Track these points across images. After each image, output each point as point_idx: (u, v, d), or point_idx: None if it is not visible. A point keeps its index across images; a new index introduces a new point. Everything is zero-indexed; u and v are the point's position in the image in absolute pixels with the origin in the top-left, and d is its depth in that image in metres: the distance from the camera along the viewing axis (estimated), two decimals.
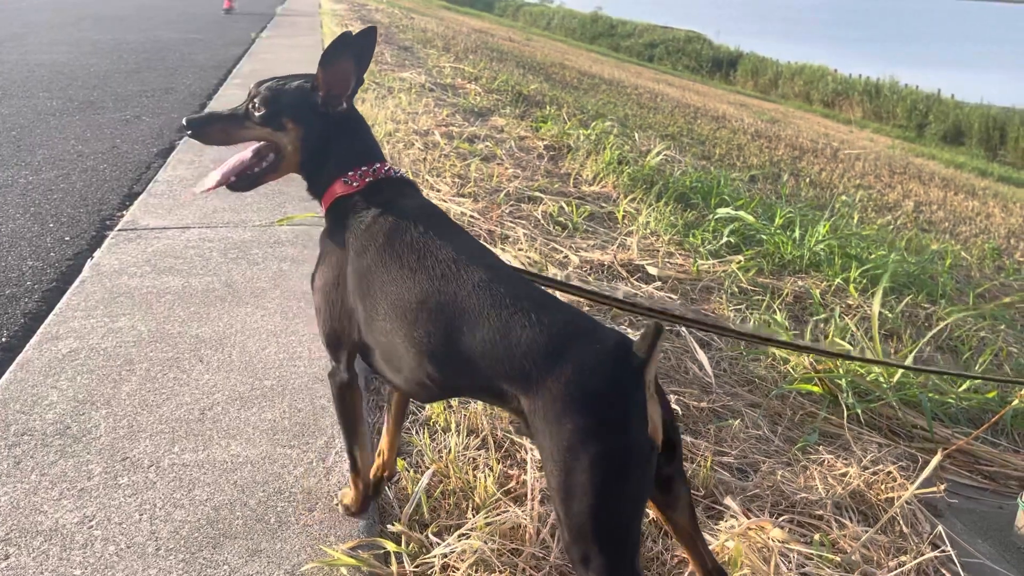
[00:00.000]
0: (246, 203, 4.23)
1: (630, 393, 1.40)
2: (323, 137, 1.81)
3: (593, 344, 1.45)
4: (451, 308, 1.58)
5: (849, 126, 23.43)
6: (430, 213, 1.77)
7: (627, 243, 4.30)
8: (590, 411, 1.40)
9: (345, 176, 1.81)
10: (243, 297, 3.14)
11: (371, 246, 1.72)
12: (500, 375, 1.51)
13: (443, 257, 1.64)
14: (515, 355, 1.48)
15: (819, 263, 4.76)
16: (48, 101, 6.66)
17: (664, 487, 1.58)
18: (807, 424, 2.98)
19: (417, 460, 2.31)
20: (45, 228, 3.96)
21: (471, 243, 1.72)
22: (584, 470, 1.38)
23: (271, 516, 2.00)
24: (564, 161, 6.07)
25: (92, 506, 2.00)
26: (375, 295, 1.69)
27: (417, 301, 1.61)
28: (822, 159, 13.38)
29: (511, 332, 1.50)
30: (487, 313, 1.54)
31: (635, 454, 1.40)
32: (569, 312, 1.54)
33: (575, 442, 1.39)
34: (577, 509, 1.40)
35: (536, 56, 16.65)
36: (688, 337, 3.33)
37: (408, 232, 1.70)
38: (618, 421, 1.40)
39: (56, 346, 2.73)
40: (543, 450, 1.45)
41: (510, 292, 1.56)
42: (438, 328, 1.58)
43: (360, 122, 1.87)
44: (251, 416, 2.40)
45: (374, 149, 1.87)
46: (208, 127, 1.86)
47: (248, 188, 1.91)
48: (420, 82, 8.07)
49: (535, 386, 1.45)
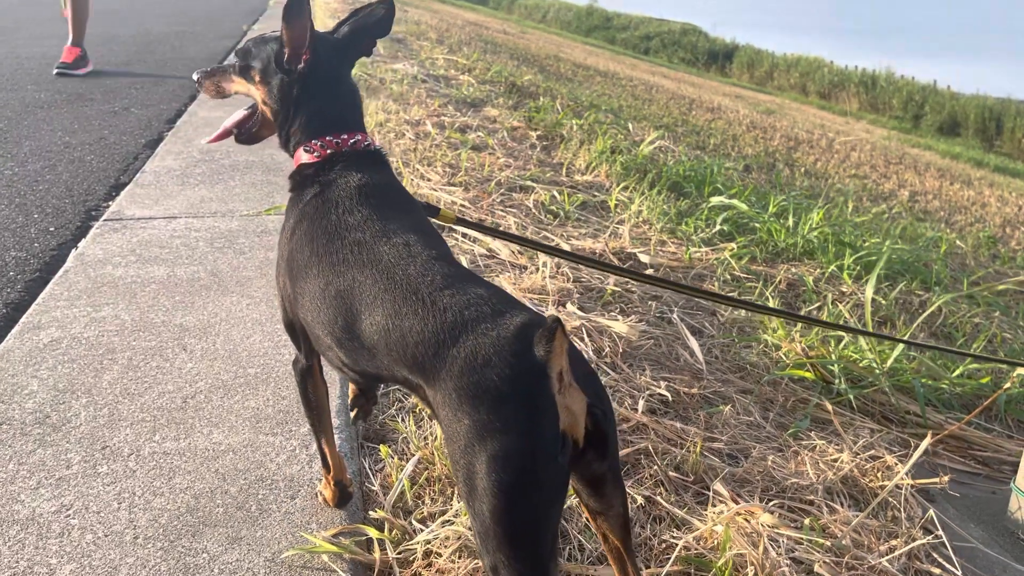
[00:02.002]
0: (234, 193, 4.19)
1: (531, 385, 1.27)
2: (287, 97, 1.75)
3: (491, 331, 1.32)
4: (350, 293, 1.50)
5: (845, 117, 23.42)
6: (370, 192, 1.65)
7: (619, 231, 4.27)
8: (484, 406, 1.27)
9: (308, 144, 1.74)
10: (229, 286, 3.11)
11: (300, 225, 1.66)
12: (399, 364, 1.42)
13: (351, 240, 1.55)
14: (408, 343, 1.39)
15: (813, 251, 4.73)
16: (36, 94, 6.60)
17: (594, 488, 1.46)
18: (799, 410, 2.95)
19: (403, 448, 2.28)
20: (29, 219, 3.91)
21: (402, 224, 1.59)
22: (483, 471, 1.26)
23: (252, 504, 1.97)
24: (557, 151, 6.04)
25: (70, 495, 1.97)
26: (296, 278, 1.64)
27: (321, 286, 1.55)
28: (817, 149, 13.36)
29: (404, 318, 1.40)
30: (381, 298, 1.45)
31: (539, 452, 1.26)
32: (474, 295, 1.39)
33: (471, 440, 1.27)
34: (480, 513, 1.28)
35: (531, 48, 16.59)
36: (679, 324, 3.30)
37: (331, 213, 1.62)
38: (516, 416, 1.27)
39: (38, 335, 2.70)
40: (446, 447, 1.34)
41: (413, 275, 1.45)
42: (340, 313, 1.51)
43: (339, 88, 1.78)
44: (234, 404, 2.36)
45: (348, 118, 1.78)
46: (206, 79, 1.91)
47: (248, 142, 1.92)
48: (412, 73, 8.02)
49: (433, 377, 1.35)
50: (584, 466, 1.40)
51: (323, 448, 1.90)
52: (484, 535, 1.29)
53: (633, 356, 2.96)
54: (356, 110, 1.83)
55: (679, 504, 2.17)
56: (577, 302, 3.26)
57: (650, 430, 2.48)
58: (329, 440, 1.90)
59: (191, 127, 5.60)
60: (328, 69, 1.77)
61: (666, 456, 2.36)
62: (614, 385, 2.69)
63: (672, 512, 2.12)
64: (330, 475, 1.94)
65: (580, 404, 1.32)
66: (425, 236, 1.59)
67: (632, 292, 3.52)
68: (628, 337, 3.02)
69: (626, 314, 3.29)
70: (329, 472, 1.93)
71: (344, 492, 1.97)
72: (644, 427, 2.49)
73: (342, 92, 1.80)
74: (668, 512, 2.13)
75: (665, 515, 2.12)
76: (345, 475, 1.97)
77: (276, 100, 1.77)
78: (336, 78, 1.79)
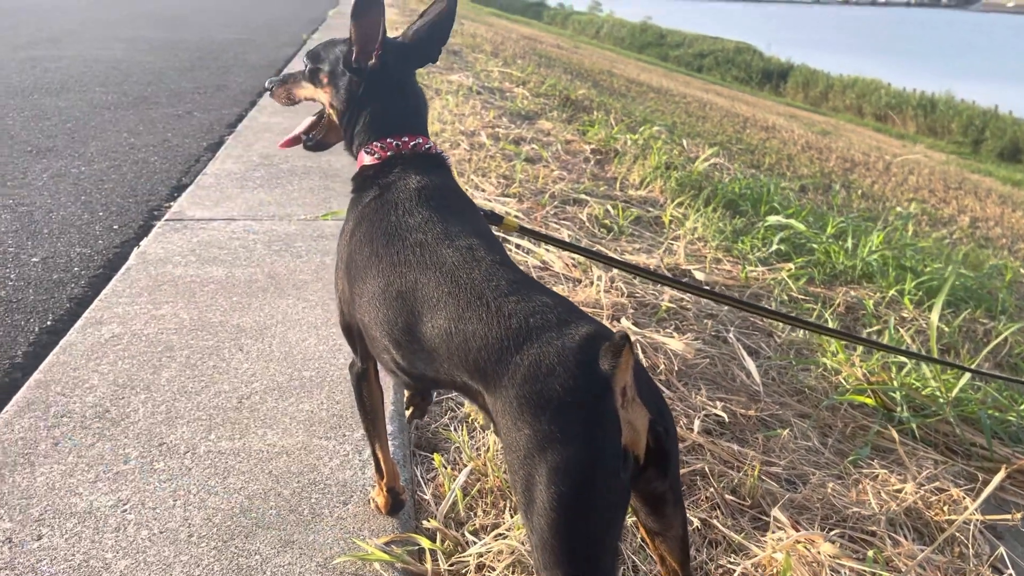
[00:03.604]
0: (292, 197, 4.23)
1: (595, 397, 1.25)
2: (353, 98, 1.75)
3: (556, 341, 1.29)
4: (411, 295, 1.49)
5: (902, 140, 22.93)
6: (430, 195, 1.64)
7: (674, 248, 4.21)
8: (546, 416, 1.25)
9: (369, 146, 1.74)
10: (285, 289, 3.13)
11: (360, 226, 1.66)
12: (460, 368, 1.40)
13: (412, 241, 1.54)
14: (471, 348, 1.36)
15: (872, 274, 4.61)
16: (103, 95, 6.78)
17: (653, 507, 1.42)
18: (859, 437, 2.86)
19: (455, 457, 2.26)
20: (95, 216, 4.00)
21: (463, 228, 1.57)
22: (543, 482, 1.23)
23: (305, 507, 1.96)
24: (611, 165, 6.00)
25: (127, 490, 1.98)
26: (354, 279, 1.63)
27: (381, 286, 1.54)
28: (874, 172, 13.10)
29: (467, 323, 1.38)
30: (445, 301, 1.43)
31: (601, 466, 1.23)
32: (540, 303, 1.37)
33: (531, 450, 1.25)
34: (539, 526, 1.24)
35: (584, 63, 16.59)
36: (736, 344, 3.23)
37: (391, 214, 1.61)
38: (579, 428, 1.24)
39: (99, 331, 2.74)
40: (505, 456, 1.32)
41: (478, 279, 1.43)
42: (400, 315, 1.50)
43: (405, 90, 1.78)
44: (289, 406, 2.37)
45: (411, 120, 1.77)
46: (278, 87, 1.93)
47: (318, 148, 1.92)
48: (468, 85, 8.06)
49: (494, 384, 1.33)
50: (644, 484, 1.36)
51: (377, 454, 1.89)
52: (541, 550, 1.25)
53: (688, 375, 2.90)
54: (420, 114, 1.82)
55: (736, 528, 2.11)
56: (631, 317, 3.21)
57: (706, 451, 2.43)
58: (383, 446, 1.89)
59: (251, 132, 5.69)
60: (394, 71, 1.76)
61: (723, 478, 2.30)
62: (669, 403, 2.63)
63: (729, 536, 2.06)
64: (383, 482, 1.92)
65: (643, 420, 1.29)
66: (486, 240, 1.57)
67: (687, 309, 3.47)
68: (684, 355, 2.97)
69: (681, 331, 3.23)
70: (382, 479, 1.92)
71: (397, 500, 1.95)
72: (700, 448, 2.44)
73: (407, 95, 1.80)
74: (724, 536, 2.07)
75: (721, 539, 2.07)
76: (398, 482, 1.95)
77: (343, 101, 1.77)
78: (401, 81, 1.78)
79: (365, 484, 2.05)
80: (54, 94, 6.77)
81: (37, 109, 6.22)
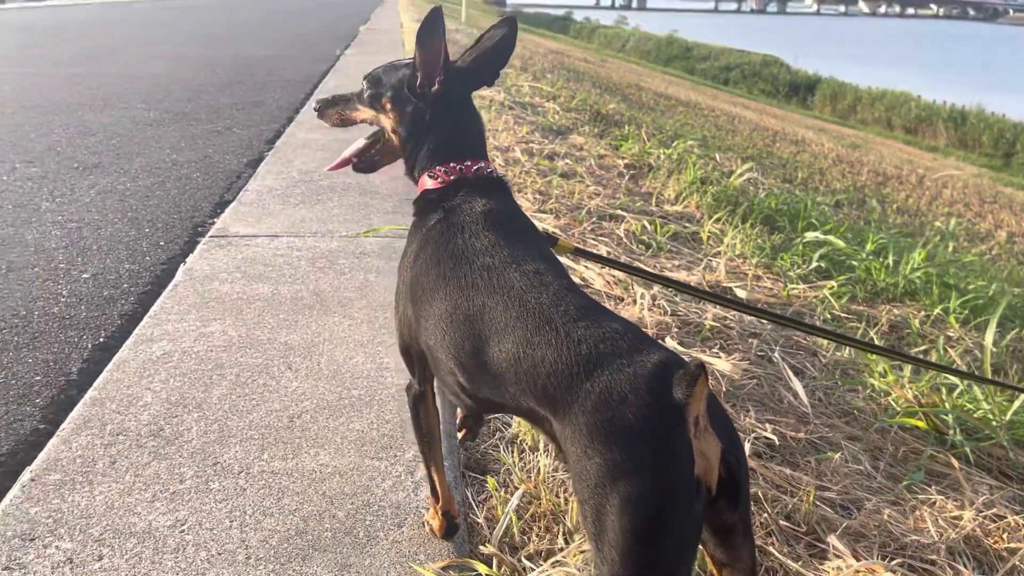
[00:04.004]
0: (332, 214, 4.26)
1: (668, 427, 1.23)
2: (417, 123, 1.76)
3: (627, 368, 1.28)
4: (479, 318, 1.48)
5: (933, 153, 22.67)
6: (495, 219, 1.64)
7: (714, 264, 4.18)
8: (617, 444, 1.23)
9: (432, 170, 1.74)
10: (331, 306, 3.15)
11: (425, 249, 1.66)
12: (527, 394, 1.38)
13: (480, 264, 1.54)
14: (539, 373, 1.35)
15: (915, 291, 4.55)
16: (145, 112, 6.89)
17: (723, 539, 1.39)
18: (911, 461, 2.81)
19: (505, 479, 2.25)
20: (141, 233, 4.06)
21: (529, 252, 1.57)
22: (614, 513, 1.21)
23: (360, 530, 1.96)
24: (645, 180, 5.98)
25: (184, 510, 2.00)
26: (419, 301, 1.63)
27: (448, 309, 1.54)
28: (908, 185, 12.96)
29: (536, 348, 1.37)
30: (513, 325, 1.42)
31: (674, 497, 1.21)
32: (610, 328, 1.35)
33: (602, 480, 1.23)
34: (610, 557, 1.22)
35: (612, 77, 16.61)
36: (781, 364, 3.20)
37: (456, 237, 1.61)
38: (651, 458, 1.22)
39: (150, 348, 2.77)
40: (573, 484, 1.30)
41: (546, 304, 1.42)
42: (467, 338, 1.50)
43: (466, 114, 1.79)
44: (339, 425, 2.38)
45: (473, 144, 1.78)
46: (328, 108, 1.92)
47: (368, 171, 1.92)
48: (499, 100, 8.10)
49: (563, 410, 1.31)
50: (715, 515, 1.34)
51: (432, 476, 1.88)
52: None
53: (736, 396, 2.87)
54: (480, 137, 1.82)
55: (792, 556, 2.08)
56: (676, 336, 3.19)
57: (758, 475, 2.40)
58: (439, 468, 1.88)
59: (290, 148, 5.75)
60: (455, 96, 1.77)
61: (776, 503, 2.27)
62: None
63: (786, 564, 2.03)
64: (438, 505, 1.92)
65: (715, 450, 1.27)
66: (552, 265, 1.57)
67: (731, 328, 3.44)
68: (730, 376, 2.94)
69: (726, 351, 3.21)
70: (437, 501, 1.91)
71: (451, 523, 1.94)
72: (752, 472, 2.41)
73: (468, 119, 1.80)
74: (781, 564, 2.04)
75: (778, 567, 2.03)
76: (453, 505, 1.95)
77: (406, 127, 1.78)
78: (462, 105, 1.79)
79: (419, 506, 2.05)
80: (98, 110, 6.89)
81: (82, 125, 6.34)
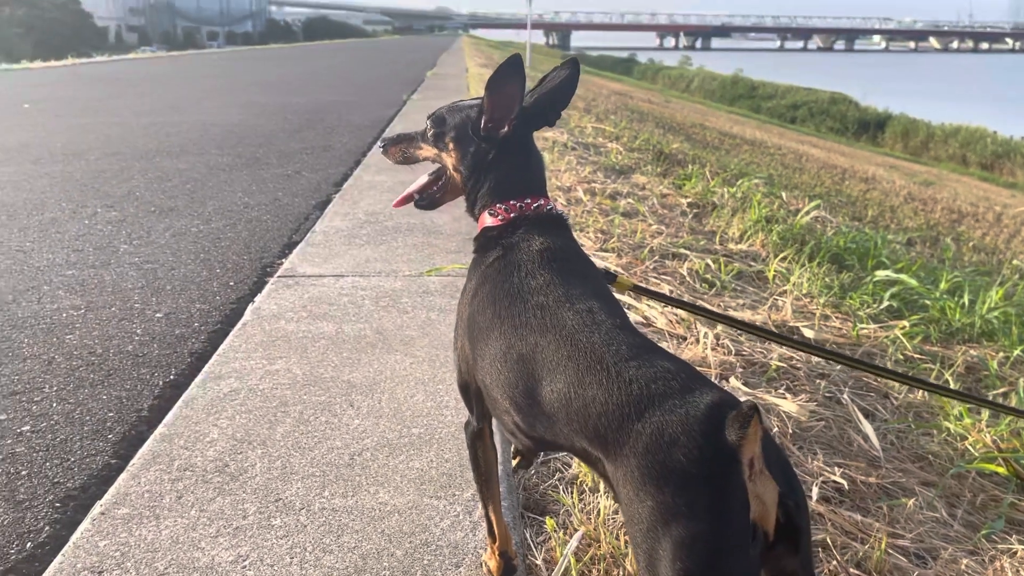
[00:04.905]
0: (396, 254, 4.34)
1: (722, 469, 1.20)
2: (480, 162, 1.78)
3: (679, 409, 1.26)
4: (531, 358, 1.48)
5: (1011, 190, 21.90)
6: (552, 257, 1.65)
7: (779, 303, 4.10)
8: (670, 487, 1.21)
9: (492, 208, 1.76)
10: (393, 344, 3.19)
11: (483, 287, 1.67)
12: (579, 434, 1.37)
13: (534, 303, 1.54)
14: (590, 414, 1.34)
15: (993, 332, 4.37)
16: (219, 157, 7.17)
17: None
18: (990, 508, 2.68)
19: (565, 520, 2.23)
20: (212, 273, 4.20)
21: (584, 290, 1.57)
22: (667, 558, 1.19)
23: (417, 569, 1.96)
24: (708, 219, 5.93)
25: (246, 545, 2.03)
26: (476, 339, 1.64)
27: (502, 348, 1.54)
28: (984, 223, 12.53)
29: (587, 387, 1.37)
30: (564, 365, 1.42)
31: (728, 541, 1.19)
32: (661, 368, 1.34)
33: (655, 522, 1.21)
34: None
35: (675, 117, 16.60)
36: (851, 406, 3.10)
37: (513, 275, 1.62)
38: (705, 502, 1.20)
39: (219, 385, 2.84)
40: (626, 527, 1.28)
41: (598, 343, 1.42)
42: (520, 378, 1.49)
43: (527, 153, 1.82)
44: (399, 464, 2.39)
45: (533, 182, 1.81)
46: (392, 145, 1.97)
47: (429, 207, 1.96)
48: (563, 141, 8.17)
49: (614, 452, 1.30)
50: (774, 561, 1.29)
51: (490, 516, 1.87)
52: None
53: (803, 438, 2.79)
54: (541, 175, 1.85)
55: None
56: (740, 376, 3.13)
57: (826, 520, 2.31)
58: (496, 508, 1.87)
59: (356, 190, 5.89)
60: (519, 136, 1.79)
61: (846, 551, 2.19)
62: None
63: None
64: (495, 545, 1.90)
65: (772, 494, 1.24)
66: (607, 303, 1.56)
67: (797, 368, 3.35)
68: (797, 417, 2.86)
69: (793, 392, 3.13)
70: (494, 542, 1.90)
71: (509, 564, 1.92)
72: (820, 517, 2.33)
73: (530, 159, 1.83)
74: None
75: None
76: (510, 546, 1.93)
77: (469, 166, 1.81)
78: (524, 144, 1.82)
79: (476, 547, 2.04)
80: (175, 156, 7.20)
81: (160, 171, 6.63)
